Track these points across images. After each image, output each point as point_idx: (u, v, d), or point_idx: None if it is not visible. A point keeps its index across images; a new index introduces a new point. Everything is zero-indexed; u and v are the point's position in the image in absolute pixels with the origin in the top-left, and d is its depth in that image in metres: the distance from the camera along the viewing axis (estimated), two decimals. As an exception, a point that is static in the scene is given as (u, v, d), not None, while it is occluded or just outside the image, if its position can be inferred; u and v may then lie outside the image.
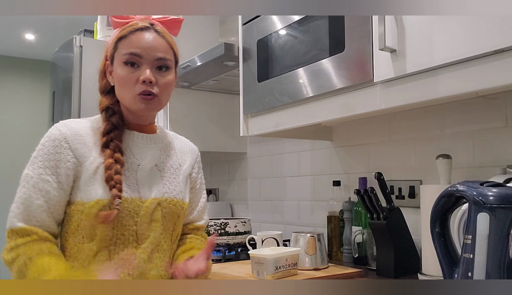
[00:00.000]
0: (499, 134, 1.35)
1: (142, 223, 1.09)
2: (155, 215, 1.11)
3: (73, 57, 2.64)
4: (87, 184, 1.04)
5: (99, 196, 1.03)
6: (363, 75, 1.22)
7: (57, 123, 1.09)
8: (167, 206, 1.14)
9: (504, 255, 0.82)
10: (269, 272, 1.29)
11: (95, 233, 1.05)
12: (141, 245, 1.09)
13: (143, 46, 1.07)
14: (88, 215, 1.03)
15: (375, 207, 1.40)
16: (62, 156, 1.04)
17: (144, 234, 1.09)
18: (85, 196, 1.04)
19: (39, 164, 1.04)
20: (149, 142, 1.17)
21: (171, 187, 1.17)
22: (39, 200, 1.02)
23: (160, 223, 1.12)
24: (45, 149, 1.05)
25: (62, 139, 1.05)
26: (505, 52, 0.93)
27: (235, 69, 1.96)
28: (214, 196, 2.68)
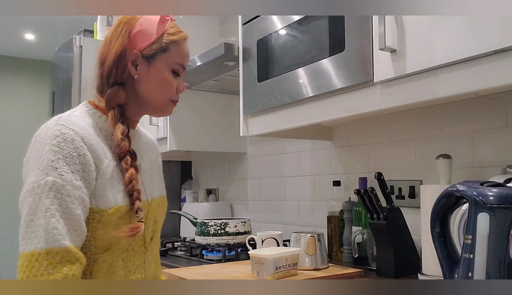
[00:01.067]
0: (499, 134, 1.35)
1: (149, 225, 1.05)
2: (157, 214, 1.09)
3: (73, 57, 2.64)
4: (105, 190, 0.95)
5: (119, 202, 0.95)
6: (363, 75, 1.22)
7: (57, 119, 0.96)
8: (162, 203, 1.12)
9: (504, 255, 0.82)
10: (269, 272, 1.29)
11: (110, 243, 0.96)
12: (148, 247, 1.05)
13: (187, 59, 1.09)
14: (106, 224, 0.94)
15: (375, 207, 1.40)
16: (86, 159, 0.92)
17: (149, 236, 1.05)
18: (102, 203, 0.94)
19: (64, 169, 0.89)
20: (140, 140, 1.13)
21: (159, 184, 1.14)
22: (78, 209, 0.89)
23: (159, 222, 1.10)
24: (64, 151, 0.90)
25: (80, 140, 0.93)
26: (505, 52, 0.93)
27: (235, 69, 1.96)
28: (214, 196, 2.68)
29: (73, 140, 0.92)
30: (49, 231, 0.85)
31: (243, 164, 2.48)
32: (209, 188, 2.76)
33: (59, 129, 0.92)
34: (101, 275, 0.96)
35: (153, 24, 1.03)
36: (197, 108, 2.37)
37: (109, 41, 1.03)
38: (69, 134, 0.92)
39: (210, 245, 1.85)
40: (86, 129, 0.96)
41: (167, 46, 1.03)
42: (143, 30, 1.02)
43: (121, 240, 0.96)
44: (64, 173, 0.89)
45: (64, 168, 0.89)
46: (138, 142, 1.10)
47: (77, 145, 0.92)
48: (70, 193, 0.89)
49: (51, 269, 0.85)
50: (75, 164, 0.91)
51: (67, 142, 0.91)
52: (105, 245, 0.95)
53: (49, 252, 0.85)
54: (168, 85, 1.05)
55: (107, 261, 0.97)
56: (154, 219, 1.07)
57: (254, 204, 2.39)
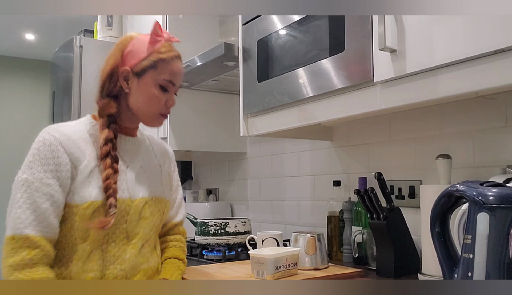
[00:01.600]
0: (499, 134, 1.35)
1: (132, 221, 1.16)
2: (144, 213, 1.19)
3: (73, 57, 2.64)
4: (81, 187, 1.09)
5: (93, 197, 1.08)
6: (363, 75, 1.22)
7: (46, 128, 1.13)
8: (153, 204, 1.22)
9: (504, 255, 0.82)
10: (269, 272, 1.29)
11: (88, 234, 1.09)
12: (131, 241, 1.16)
13: (178, 76, 1.21)
14: (82, 217, 1.08)
15: (375, 207, 1.40)
16: (61, 160, 1.08)
17: (133, 231, 1.16)
18: (78, 198, 1.08)
19: (38, 168, 1.06)
20: (135, 145, 1.25)
21: (155, 186, 1.25)
22: (44, 203, 1.05)
23: (149, 220, 1.20)
24: (41, 153, 1.08)
25: (58, 144, 1.09)
26: (505, 52, 0.93)
27: (235, 69, 1.96)
28: (214, 196, 2.68)
29: (51, 144, 1.08)
30: (15, 220, 1.03)
31: (243, 164, 2.48)
32: (209, 188, 2.76)
33: (43, 136, 1.10)
34: (80, 263, 1.09)
35: (144, 44, 1.16)
36: (197, 108, 2.37)
37: (107, 60, 1.18)
38: (49, 140, 1.09)
39: (210, 245, 1.85)
40: (68, 136, 1.11)
41: (155, 64, 1.16)
42: (135, 49, 1.16)
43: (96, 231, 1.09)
44: (37, 172, 1.06)
45: (38, 168, 1.06)
46: (134, 148, 1.24)
47: (54, 149, 1.08)
48: (38, 188, 1.05)
49: (13, 253, 1.01)
50: (49, 165, 1.07)
51: (45, 146, 1.08)
52: (84, 236, 1.09)
53: (13, 237, 1.02)
54: (155, 100, 1.17)
55: (86, 250, 1.09)
56: (141, 216, 1.18)
57: (254, 204, 2.39)
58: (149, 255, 1.20)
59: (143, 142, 1.29)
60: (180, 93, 2.30)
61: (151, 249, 1.22)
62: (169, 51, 1.18)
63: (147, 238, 1.20)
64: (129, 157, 1.22)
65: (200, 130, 2.36)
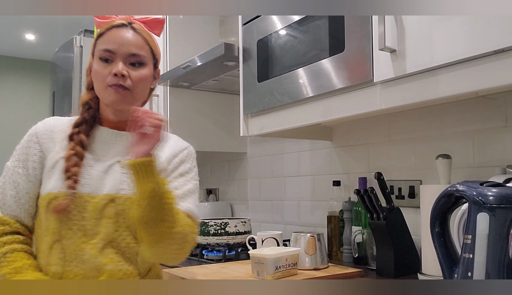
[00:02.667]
0: (499, 134, 1.35)
1: (91, 218, 1.07)
2: (106, 211, 1.07)
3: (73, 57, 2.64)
4: (46, 177, 1.11)
5: (49, 188, 1.08)
6: (363, 75, 1.22)
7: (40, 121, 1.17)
8: (123, 202, 1.08)
9: (504, 255, 0.82)
10: (269, 272, 1.29)
11: (49, 225, 1.08)
12: (91, 241, 1.06)
13: (117, 42, 1.10)
14: (42, 208, 1.09)
15: (375, 207, 1.40)
16: (31, 150, 1.12)
17: (93, 230, 1.07)
18: (43, 189, 1.10)
19: (16, 157, 1.13)
20: (118, 138, 1.16)
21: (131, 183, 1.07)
22: (12, 190, 1.11)
23: (113, 220, 1.07)
24: (22, 143, 1.14)
25: (34, 134, 1.13)
26: (505, 52, 0.93)
27: (235, 69, 1.96)
28: (214, 196, 2.68)
29: (29, 134, 1.14)
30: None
31: (243, 164, 2.48)
32: (209, 188, 2.76)
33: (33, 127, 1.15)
34: (44, 255, 1.09)
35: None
36: (197, 108, 2.37)
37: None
38: (31, 130, 1.14)
39: (210, 244, 1.85)
40: (49, 126, 1.15)
41: (96, 42, 1.14)
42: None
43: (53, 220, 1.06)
44: (14, 160, 1.13)
45: (16, 157, 1.13)
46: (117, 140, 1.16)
47: (30, 139, 1.13)
48: (11, 176, 1.12)
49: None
50: (22, 154, 1.12)
51: (27, 136, 1.14)
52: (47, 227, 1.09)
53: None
54: (97, 74, 1.11)
55: (49, 243, 1.08)
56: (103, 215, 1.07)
57: (254, 204, 2.39)
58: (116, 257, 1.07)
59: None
60: (180, 93, 2.33)
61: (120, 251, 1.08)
62: (107, 24, 1.13)
63: (110, 239, 1.07)
64: (103, 149, 1.13)
65: (200, 130, 2.36)
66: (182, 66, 2.03)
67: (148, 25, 1.18)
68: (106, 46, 1.10)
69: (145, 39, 1.15)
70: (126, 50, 1.11)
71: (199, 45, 2.27)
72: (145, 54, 1.13)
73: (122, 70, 1.09)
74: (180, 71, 2.06)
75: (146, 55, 1.14)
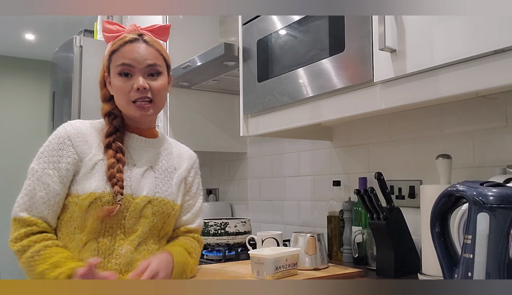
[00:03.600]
0: (499, 134, 1.35)
1: (131, 217, 1.18)
2: (145, 211, 1.20)
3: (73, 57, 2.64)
4: (84, 178, 1.14)
5: (92, 189, 1.13)
6: (363, 75, 1.22)
7: (65, 123, 1.20)
8: (158, 204, 1.22)
9: (504, 255, 0.82)
10: (269, 272, 1.29)
11: (85, 224, 1.14)
12: (128, 238, 1.17)
13: (134, 57, 1.17)
14: (80, 207, 1.13)
15: (375, 207, 1.40)
16: (65, 152, 1.14)
17: (131, 228, 1.18)
18: (80, 189, 1.14)
19: (44, 159, 1.14)
20: (147, 145, 1.27)
21: (163, 188, 1.25)
22: (41, 192, 1.12)
23: (149, 220, 1.20)
24: (51, 145, 1.15)
25: (66, 137, 1.16)
26: (505, 52, 0.93)
27: (235, 69, 1.96)
28: (214, 196, 2.68)
29: (60, 137, 1.16)
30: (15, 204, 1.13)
31: (243, 164, 2.48)
32: (209, 188, 2.76)
33: (58, 130, 1.17)
34: (76, 252, 1.13)
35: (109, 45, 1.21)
36: (197, 108, 2.37)
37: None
38: (60, 132, 1.17)
39: (210, 245, 1.85)
40: (79, 130, 1.18)
41: (110, 58, 1.20)
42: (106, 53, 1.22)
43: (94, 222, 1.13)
44: (43, 162, 1.14)
45: (44, 159, 1.14)
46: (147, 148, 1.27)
47: (61, 141, 1.15)
48: (40, 178, 1.13)
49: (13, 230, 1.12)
50: (53, 156, 1.14)
51: (55, 139, 1.16)
52: (81, 226, 1.14)
53: (14, 219, 1.13)
54: (119, 90, 1.18)
55: (83, 240, 1.14)
56: (142, 215, 1.19)
57: (254, 204, 2.39)
58: (147, 254, 1.20)
59: (161, 144, 1.31)
60: (180, 93, 2.33)
61: (149, 248, 1.21)
62: (119, 40, 1.19)
63: (145, 236, 1.20)
64: (137, 155, 1.24)
65: (200, 130, 2.36)
66: (182, 66, 2.03)
67: (155, 33, 1.25)
68: (123, 61, 1.17)
69: (158, 50, 1.22)
70: (144, 63, 1.18)
71: (199, 45, 2.27)
72: (160, 64, 1.21)
73: (144, 84, 1.17)
74: (180, 71, 2.06)
75: (161, 65, 1.22)
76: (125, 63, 1.16)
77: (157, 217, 1.22)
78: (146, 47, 1.19)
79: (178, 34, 2.30)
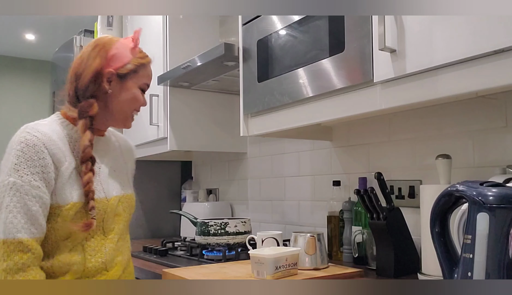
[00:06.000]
0: (499, 134, 1.35)
1: (108, 218, 1.21)
2: (118, 210, 1.24)
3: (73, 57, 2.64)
4: (63, 188, 1.11)
5: (75, 199, 1.12)
6: (363, 75, 1.22)
7: (24, 128, 1.13)
8: (126, 200, 1.28)
9: (504, 255, 0.82)
10: (269, 272, 1.29)
11: (69, 232, 1.13)
12: (108, 236, 1.21)
13: (150, 79, 1.30)
14: (65, 217, 1.11)
15: (375, 207, 1.40)
16: (46, 162, 1.09)
17: (109, 227, 1.22)
18: (60, 200, 1.11)
19: (25, 171, 1.06)
20: (104, 144, 1.29)
21: (125, 183, 1.31)
22: (35, 206, 1.06)
23: (122, 216, 1.26)
24: (26, 155, 1.07)
25: (41, 145, 1.09)
26: (505, 52, 0.93)
27: (235, 69, 1.96)
28: (214, 196, 2.68)
29: (35, 145, 1.08)
30: (7, 225, 1.03)
31: (243, 164, 2.48)
32: (209, 188, 2.76)
33: (24, 136, 1.09)
34: (62, 257, 1.12)
35: (127, 48, 1.22)
36: (197, 108, 2.37)
37: (86, 59, 1.19)
38: (32, 140, 1.08)
39: (210, 244, 1.85)
40: (49, 136, 1.12)
41: (137, 68, 1.23)
42: (119, 52, 1.21)
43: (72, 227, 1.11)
44: (24, 174, 1.06)
45: (24, 170, 1.06)
46: (104, 147, 1.28)
47: (38, 150, 1.08)
48: (28, 192, 1.05)
49: (6, 257, 1.02)
50: (35, 166, 1.07)
51: (29, 147, 1.08)
52: (65, 234, 1.12)
53: (5, 241, 1.02)
54: (137, 100, 1.25)
55: (68, 246, 1.13)
56: (116, 213, 1.24)
57: (254, 204, 2.39)
58: (123, 248, 1.26)
59: (110, 141, 1.33)
60: (180, 93, 2.33)
61: (124, 242, 1.27)
62: (146, 57, 1.26)
63: (121, 232, 1.26)
64: (100, 157, 1.24)
65: (200, 130, 2.36)
66: (182, 66, 2.03)
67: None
68: (147, 81, 1.27)
69: None
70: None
71: (199, 45, 2.27)
72: None
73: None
74: (180, 71, 2.06)
75: None
76: (147, 84, 1.27)
77: (127, 212, 1.28)
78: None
79: (178, 34, 2.30)
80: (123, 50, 1.21)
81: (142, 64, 1.24)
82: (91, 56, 1.19)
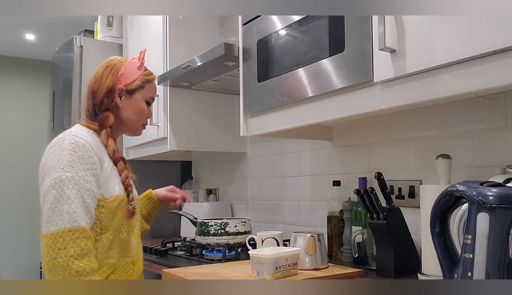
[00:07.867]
0: (499, 134, 1.35)
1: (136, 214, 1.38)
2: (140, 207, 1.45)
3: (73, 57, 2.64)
4: (106, 183, 1.27)
5: (117, 192, 1.28)
6: (363, 75, 1.22)
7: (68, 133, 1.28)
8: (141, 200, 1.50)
9: (504, 255, 0.82)
10: (269, 272, 1.29)
11: (111, 224, 1.26)
12: (133, 232, 1.36)
13: (155, 93, 1.49)
14: (109, 208, 1.25)
15: (375, 207, 1.40)
16: (93, 160, 1.24)
17: (134, 223, 1.37)
18: (105, 192, 1.26)
19: (79, 167, 1.21)
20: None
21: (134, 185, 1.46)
22: (88, 198, 1.20)
23: (139, 214, 1.44)
24: (78, 154, 1.22)
25: (89, 146, 1.25)
26: (505, 52, 0.93)
27: (235, 69, 1.96)
28: (214, 196, 2.68)
29: (84, 146, 1.24)
30: (71, 214, 1.14)
31: (243, 164, 2.48)
32: (209, 188, 2.76)
33: (73, 139, 1.24)
34: (104, 251, 1.24)
35: (134, 67, 1.41)
36: (197, 108, 2.37)
37: (100, 79, 1.38)
38: (81, 142, 1.24)
39: (210, 244, 1.85)
40: (92, 140, 1.28)
41: (143, 84, 1.42)
42: (128, 71, 1.39)
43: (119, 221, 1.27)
44: (79, 170, 1.20)
45: (79, 167, 1.20)
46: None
47: (87, 150, 1.24)
48: (83, 185, 1.19)
49: (72, 243, 1.12)
50: (86, 163, 1.22)
51: (80, 147, 1.23)
52: (108, 226, 1.25)
53: (70, 230, 1.13)
54: (143, 113, 1.43)
55: (109, 239, 1.25)
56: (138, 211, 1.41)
57: (254, 204, 2.39)
58: (141, 244, 1.41)
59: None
60: (180, 93, 2.33)
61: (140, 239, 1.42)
62: (151, 74, 1.46)
63: (139, 229, 1.41)
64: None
65: (200, 130, 2.36)
66: (182, 66, 2.03)
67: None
68: (152, 95, 1.45)
69: None
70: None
71: (199, 45, 2.27)
72: None
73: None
74: (180, 71, 2.06)
75: None
76: (153, 98, 1.45)
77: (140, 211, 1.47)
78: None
79: (178, 34, 2.30)
80: (131, 69, 1.40)
81: (148, 80, 1.43)
82: (103, 76, 1.37)
